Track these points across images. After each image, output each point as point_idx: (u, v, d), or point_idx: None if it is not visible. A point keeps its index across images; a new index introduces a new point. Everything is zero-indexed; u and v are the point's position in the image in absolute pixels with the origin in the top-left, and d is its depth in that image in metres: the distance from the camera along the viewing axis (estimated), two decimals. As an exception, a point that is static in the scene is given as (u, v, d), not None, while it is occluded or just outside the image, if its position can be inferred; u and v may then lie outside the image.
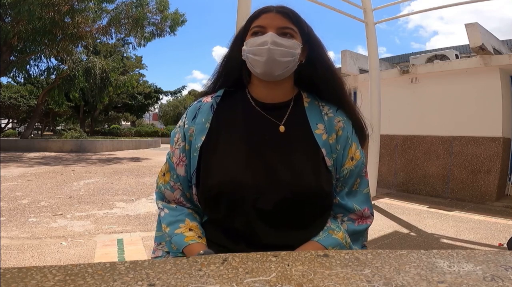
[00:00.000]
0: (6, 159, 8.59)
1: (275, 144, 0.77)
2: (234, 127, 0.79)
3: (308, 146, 0.77)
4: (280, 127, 0.78)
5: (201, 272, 0.45)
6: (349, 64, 5.89)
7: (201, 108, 0.82)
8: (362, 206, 0.80)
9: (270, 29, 0.76)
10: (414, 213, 4.02)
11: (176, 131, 0.83)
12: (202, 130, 0.78)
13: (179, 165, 0.80)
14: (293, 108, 0.82)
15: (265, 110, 0.80)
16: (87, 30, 11.66)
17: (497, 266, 0.49)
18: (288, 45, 0.76)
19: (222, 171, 0.74)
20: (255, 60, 0.77)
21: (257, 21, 0.79)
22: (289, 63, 0.77)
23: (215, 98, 0.83)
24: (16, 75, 13.75)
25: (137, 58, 21.05)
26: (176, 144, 0.81)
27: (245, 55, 0.79)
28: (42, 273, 0.42)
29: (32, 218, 3.32)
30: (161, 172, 0.84)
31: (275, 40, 0.75)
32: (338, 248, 0.74)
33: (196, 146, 0.77)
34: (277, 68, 0.77)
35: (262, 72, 0.77)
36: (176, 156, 0.80)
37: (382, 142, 5.14)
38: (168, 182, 0.81)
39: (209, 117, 0.80)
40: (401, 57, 8.74)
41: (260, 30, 0.78)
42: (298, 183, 0.73)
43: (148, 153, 12.30)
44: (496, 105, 4.59)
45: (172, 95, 31.26)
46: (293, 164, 0.75)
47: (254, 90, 0.83)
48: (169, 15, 12.61)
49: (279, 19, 0.77)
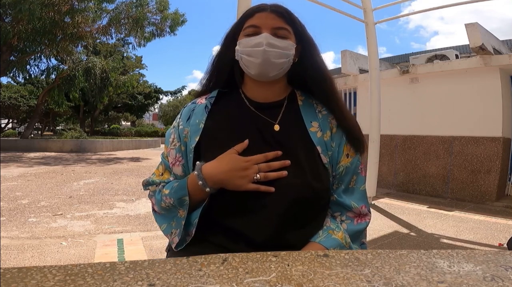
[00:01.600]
0: (6, 159, 8.59)
1: (270, 143, 0.76)
2: (228, 127, 0.79)
3: (303, 144, 0.77)
4: (275, 126, 0.78)
5: (201, 272, 0.45)
6: (349, 64, 5.89)
7: (195, 109, 0.82)
8: (360, 203, 0.79)
9: (265, 29, 0.75)
10: (414, 213, 4.02)
11: (171, 132, 0.83)
12: (196, 131, 0.78)
13: (175, 165, 0.80)
14: (287, 107, 0.81)
15: (259, 109, 0.80)
16: (87, 30, 11.65)
17: (497, 266, 0.49)
18: (283, 46, 0.76)
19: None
20: (249, 61, 0.76)
21: (251, 20, 0.78)
22: (283, 64, 0.77)
23: (209, 99, 0.83)
24: (16, 75, 13.77)
25: (137, 58, 21.04)
26: (172, 144, 0.81)
27: (239, 56, 0.78)
28: (42, 273, 0.42)
29: (32, 218, 3.32)
30: (157, 171, 0.85)
31: (270, 41, 0.74)
32: (338, 248, 0.74)
33: (191, 147, 0.77)
34: (272, 70, 0.76)
35: (257, 73, 0.77)
36: (172, 156, 0.80)
37: (382, 142, 5.13)
38: (168, 179, 0.82)
39: (203, 118, 0.79)
40: (401, 57, 8.74)
41: (254, 30, 0.76)
42: (296, 181, 0.73)
43: (148, 153, 12.31)
44: (496, 105, 4.59)
45: (172, 95, 31.25)
46: (291, 163, 0.74)
47: (247, 90, 0.83)
48: (169, 15, 12.61)
49: (274, 18, 0.76)
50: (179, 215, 0.78)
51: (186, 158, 0.79)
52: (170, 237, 0.81)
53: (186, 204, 0.75)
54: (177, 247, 0.79)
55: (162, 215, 0.83)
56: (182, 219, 0.77)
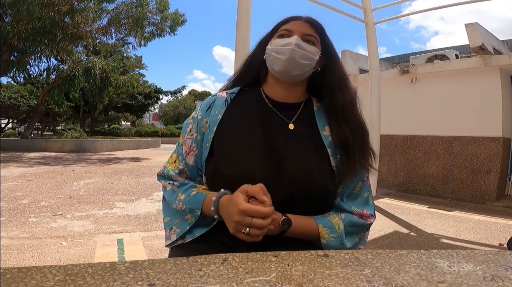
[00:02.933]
0: (6, 159, 8.59)
1: (284, 140, 0.80)
2: (245, 121, 0.82)
3: (315, 145, 0.81)
4: (290, 124, 0.83)
5: (201, 272, 0.45)
6: (349, 64, 5.89)
7: (215, 101, 0.85)
8: (361, 208, 0.82)
9: (296, 34, 0.82)
10: (414, 213, 4.02)
11: (189, 122, 0.86)
12: (214, 121, 0.82)
13: (188, 155, 0.84)
14: (303, 109, 0.86)
15: (277, 108, 0.85)
16: (87, 30, 11.65)
17: (497, 266, 0.49)
18: (309, 50, 0.81)
19: (232, 162, 0.77)
20: (276, 58, 0.81)
21: (285, 26, 0.85)
22: (306, 67, 0.82)
23: (230, 94, 0.87)
24: (16, 75, 13.75)
25: (137, 58, 21.04)
26: (189, 134, 0.85)
27: (268, 53, 0.83)
28: (42, 273, 0.42)
29: (32, 218, 3.32)
30: (171, 158, 0.88)
31: (298, 43, 0.80)
32: (329, 231, 0.76)
33: (209, 137, 0.81)
34: (295, 68, 0.81)
35: (281, 69, 0.81)
36: (187, 145, 0.84)
37: (382, 142, 5.14)
38: (177, 167, 0.85)
39: (221, 111, 0.83)
40: (401, 57, 8.75)
41: (286, 33, 0.83)
42: (304, 178, 0.76)
43: (148, 153, 12.31)
44: (496, 105, 4.59)
45: (172, 95, 31.30)
46: (300, 159, 0.78)
47: (268, 89, 0.87)
48: (169, 15, 12.61)
49: (306, 27, 0.83)
50: (186, 219, 0.82)
51: (200, 148, 0.82)
52: (169, 232, 0.84)
53: (196, 215, 0.79)
54: (167, 244, 0.84)
55: (170, 209, 0.87)
56: (187, 224, 0.81)
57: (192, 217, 0.80)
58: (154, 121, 40.74)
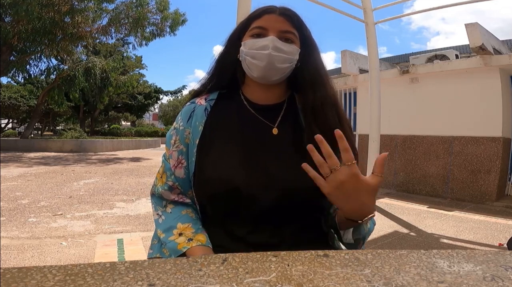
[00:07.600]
0: (6, 159, 8.59)
1: (269, 146, 0.76)
2: (228, 130, 0.78)
3: (301, 148, 0.75)
4: (273, 129, 0.78)
5: (201, 272, 0.45)
6: (349, 64, 5.89)
7: (195, 110, 0.80)
8: None
9: (272, 32, 0.75)
10: (414, 213, 4.02)
11: (172, 133, 0.81)
12: (196, 133, 0.77)
13: (177, 168, 0.79)
14: (287, 110, 0.81)
15: (259, 111, 0.79)
16: (87, 30, 11.65)
17: (497, 266, 0.49)
18: (288, 51, 0.75)
19: (217, 173, 0.73)
20: (253, 63, 0.75)
21: (258, 21, 0.77)
22: (287, 69, 0.77)
23: (209, 102, 0.81)
24: (16, 75, 13.75)
25: (137, 58, 21.02)
26: (174, 146, 0.79)
27: (243, 57, 0.77)
28: (42, 273, 0.42)
29: (32, 218, 3.32)
30: (158, 174, 0.84)
31: (276, 45, 0.73)
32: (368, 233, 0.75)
33: (193, 151, 0.77)
34: (275, 74, 0.76)
35: (260, 76, 0.76)
36: (174, 158, 0.79)
37: (382, 142, 5.13)
38: (165, 183, 0.80)
39: (202, 121, 0.78)
40: (401, 57, 8.75)
41: (261, 32, 0.76)
42: (292, 185, 0.73)
43: (148, 153, 12.31)
44: (496, 105, 4.59)
45: (172, 95, 31.29)
46: (286, 166, 0.74)
47: (248, 91, 0.82)
48: (169, 15, 12.60)
49: (282, 22, 0.75)
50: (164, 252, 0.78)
51: (187, 160, 0.78)
52: (153, 242, 0.83)
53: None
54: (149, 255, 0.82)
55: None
56: (164, 255, 0.77)
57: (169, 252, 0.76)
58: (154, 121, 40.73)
